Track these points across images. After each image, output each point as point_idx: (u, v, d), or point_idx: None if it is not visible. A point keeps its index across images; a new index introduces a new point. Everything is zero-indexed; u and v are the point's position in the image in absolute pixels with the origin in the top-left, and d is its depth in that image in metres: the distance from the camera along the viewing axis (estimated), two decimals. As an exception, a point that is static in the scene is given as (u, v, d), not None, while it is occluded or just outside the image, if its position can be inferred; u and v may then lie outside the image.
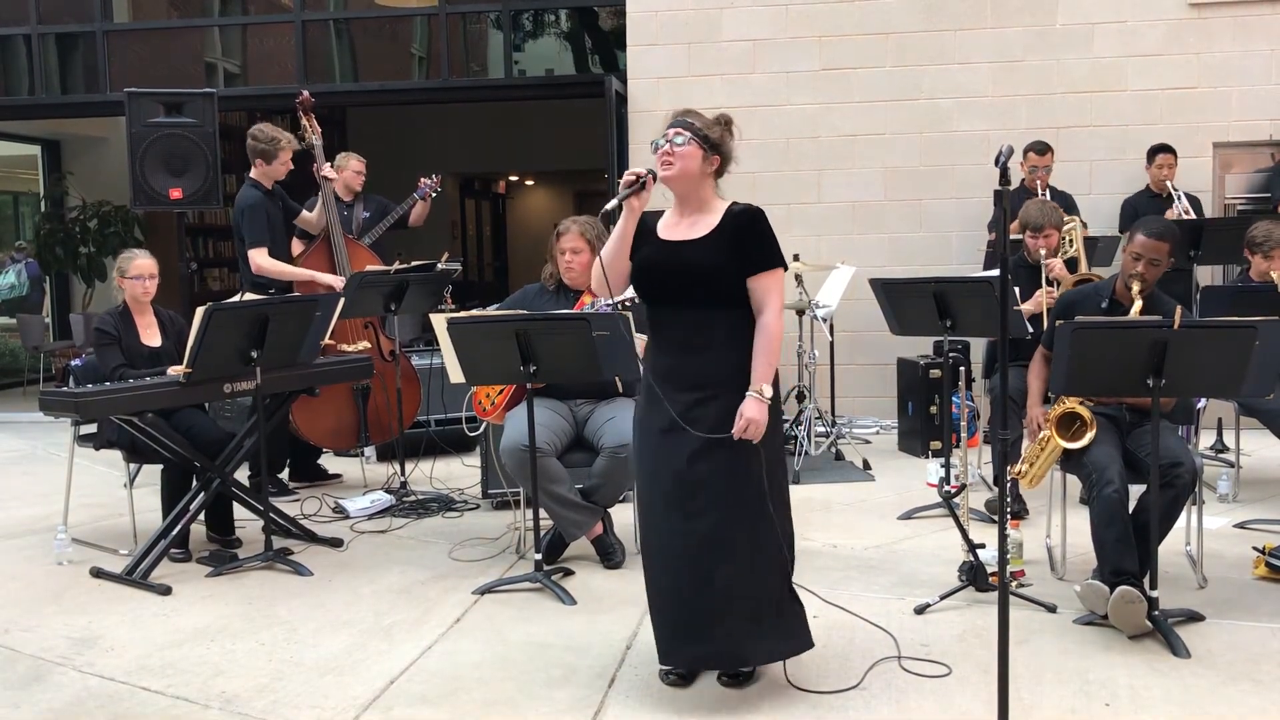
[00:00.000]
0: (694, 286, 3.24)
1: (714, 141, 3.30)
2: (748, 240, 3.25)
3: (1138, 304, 4.11)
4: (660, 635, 3.34)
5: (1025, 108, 7.78)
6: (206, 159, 6.53)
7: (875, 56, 7.92)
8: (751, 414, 3.17)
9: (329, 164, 6.31)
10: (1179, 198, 7.03)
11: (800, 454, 6.45)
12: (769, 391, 3.21)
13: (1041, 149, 7.04)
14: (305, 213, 6.30)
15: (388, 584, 4.52)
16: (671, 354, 3.28)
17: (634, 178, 3.25)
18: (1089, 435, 3.96)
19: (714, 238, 3.27)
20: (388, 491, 5.87)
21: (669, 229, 3.36)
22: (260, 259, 5.86)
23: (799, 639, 3.37)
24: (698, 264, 3.24)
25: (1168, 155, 7.18)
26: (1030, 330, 5.09)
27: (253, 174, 5.98)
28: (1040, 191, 6.78)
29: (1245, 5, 7.57)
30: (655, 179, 3.27)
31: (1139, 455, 4.01)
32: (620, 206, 3.26)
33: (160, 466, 4.97)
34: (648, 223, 3.35)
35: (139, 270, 5.11)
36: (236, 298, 4.94)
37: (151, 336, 5.16)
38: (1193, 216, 6.93)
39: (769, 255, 3.26)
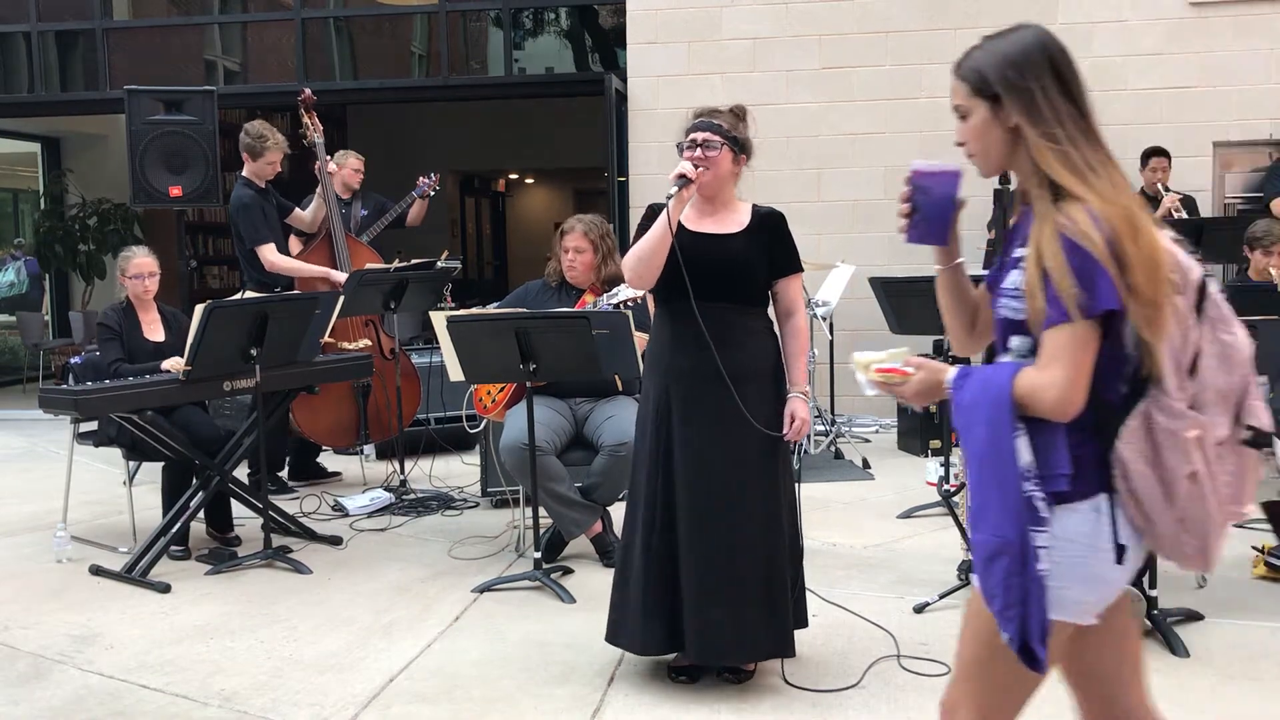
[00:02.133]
0: (732, 279, 3.26)
1: (742, 141, 3.30)
2: (778, 243, 3.34)
3: None
4: (655, 623, 3.30)
5: (1025, 106, 7.77)
6: (206, 157, 6.52)
7: (876, 55, 7.92)
8: (804, 414, 3.30)
9: (329, 158, 6.30)
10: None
11: (800, 453, 6.44)
12: (809, 390, 3.40)
13: None
14: (298, 211, 6.28)
15: (387, 582, 4.52)
16: (692, 349, 3.21)
17: (683, 177, 3.18)
18: None
19: (747, 235, 3.30)
20: (387, 489, 5.87)
21: (695, 222, 3.33)
22: (272, 255, 5.84)
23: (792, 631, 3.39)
24: (737, 256, 3.27)
25: (1161, 159, 7.12)
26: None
27: (244, 171, 5.96)
28: None
29: (1245, 4, 7.57)
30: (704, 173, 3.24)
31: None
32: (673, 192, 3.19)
33: (160, 464, 4.97)
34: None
35: (138, 269, 5.11)
36: (238, 295, 4.92)
37: (155, 332, 5.16)
38: (1184, 215, 6.93)
39: (795, 259, 3.40)
